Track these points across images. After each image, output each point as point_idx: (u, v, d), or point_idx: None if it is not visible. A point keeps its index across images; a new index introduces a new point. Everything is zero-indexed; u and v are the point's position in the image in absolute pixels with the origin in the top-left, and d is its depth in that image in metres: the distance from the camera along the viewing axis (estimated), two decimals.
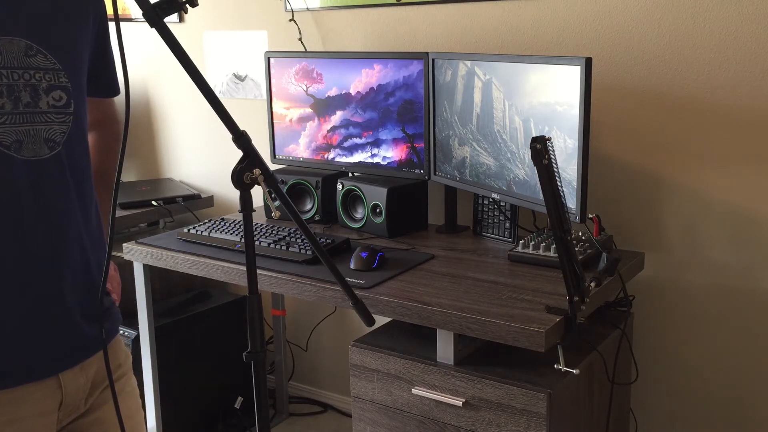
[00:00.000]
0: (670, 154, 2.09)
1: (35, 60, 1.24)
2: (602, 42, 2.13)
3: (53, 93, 1.26)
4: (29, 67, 1.23)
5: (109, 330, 1.40)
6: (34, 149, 1.24)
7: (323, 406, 2.97)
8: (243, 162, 1.18)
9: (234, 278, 2.07)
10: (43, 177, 1.25)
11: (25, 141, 1.22)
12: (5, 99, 1.20)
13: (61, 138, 1.28)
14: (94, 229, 1.38)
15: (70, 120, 1.29)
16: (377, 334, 1.96)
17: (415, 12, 2.43)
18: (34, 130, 1.24)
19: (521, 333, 1.59)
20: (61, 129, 1.28)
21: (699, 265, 2.10)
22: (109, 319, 1.42)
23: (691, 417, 2.19)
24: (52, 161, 1.26)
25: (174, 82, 3.05)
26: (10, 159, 1.21)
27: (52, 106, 1.26)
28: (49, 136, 1.26)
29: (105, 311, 1.38)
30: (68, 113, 1.29)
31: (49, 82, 1.26)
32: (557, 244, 1.60)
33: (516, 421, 1.67)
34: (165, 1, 1.12)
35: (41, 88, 1.24)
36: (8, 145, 1.21)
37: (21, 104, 1.22)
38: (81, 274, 1.33)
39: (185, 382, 2.65)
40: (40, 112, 1.24)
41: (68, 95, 1.28)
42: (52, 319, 1.28)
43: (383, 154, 2.38)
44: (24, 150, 1.22)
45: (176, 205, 2.82)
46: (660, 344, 2.20)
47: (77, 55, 1.32)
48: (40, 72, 1.24)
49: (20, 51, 1.22)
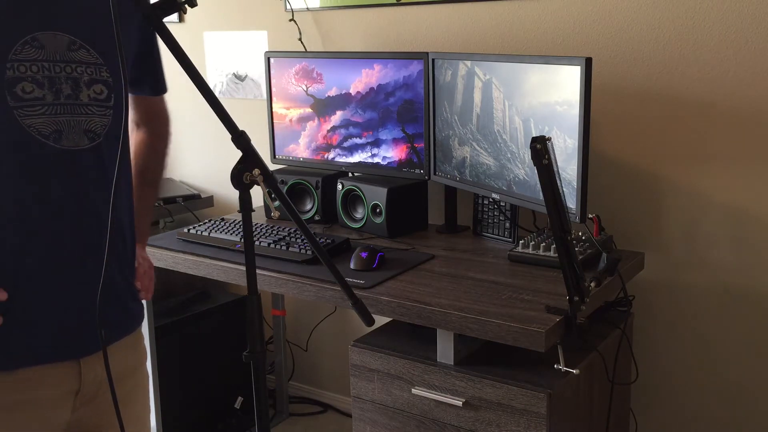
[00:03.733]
0: (670, 154, 2.09)
1: (78, 54, 1.28)
2: (602, 42, 2.12)
3: (94, 86, 1.31)
4: (71, 61, 1.27)
5: (129, 324, 1.45)
6: (74, 139, 1.28)
7: (323, 406, 2.97)
8: (242, 162, 1.18)
9: (234, 278, 2.07)
10: (81, 167, 1.29)
11: (65, 131, 1.27)
12: (46, 90, 1.25)
13: (101, 130, 1.32)
14: (126, 222, 1.42)
15: (110, 113, 1.33)
16: (377, 334, 1.96)
17: (415, 12, 2.43)
18: (74, 121, 1.28)
19: (521, 333, 1.59)
20: (102, 122, 1.32)
21: (699, 265, 2.10)
22: (131, 315, 1.46)
23: (691, 417, 2.19)
24: (91, 152, 1.31)
25: (174, 82, 3.04)
26: (48, 148, 1.25)
27: (93, 99, 1.30)
28: (90, 128, 1.30)
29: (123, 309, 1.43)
30: (109, 107, 1.33)
31: (90, 75, 1.30)
32: (557, 244, 1.60)
33: (516, 421, 1.67)
34: (165, 2, 1.13)
35: (83, 81, 1.29)
36: (47, 135, 1.25)
37: (62, 96, 1.26)
38: (113, 265, 1.36)
39: (185, 382, 2.65)
40: (81, 104, 1.29)
41: (109, 89, 1.32)
42: (79, 305, 1.31)
43: (383, 154, 2.38)
44: (63, 140, 1.27)
45: (176, 205, 2.82)
46: (660, 344, 2.20)
47: (121, 52, 1.34)
48: (82, 66, 1.29)
49: (63, 45, 1.27)
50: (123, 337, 1.42)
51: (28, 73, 1.23)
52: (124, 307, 1.43)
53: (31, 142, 1.24)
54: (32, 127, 1.24)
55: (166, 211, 2.78)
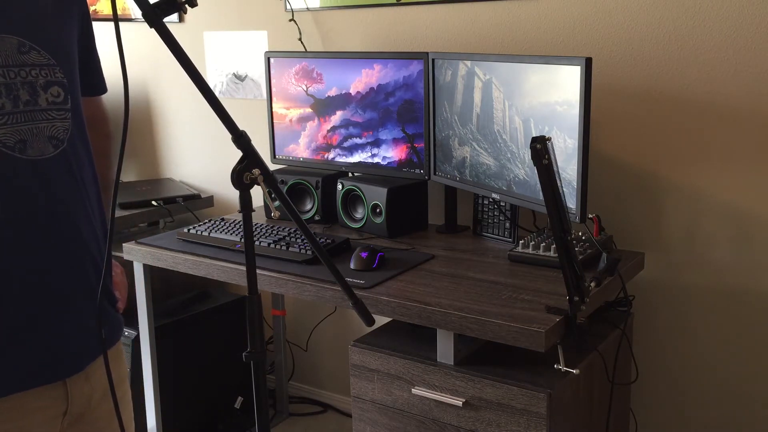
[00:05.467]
0: (671, 154, 2.09)
1: (29, 56, 1.21)
2: (602, 42, 2.13)
3: (51, 89, 1.23)
4: (24, 64, 1.20)
5: (110, 335, 1.38)
6: (39, 148, 1.21)
7: (323, 406, 2.97)
8: (242, 162, 1.17)
9: (234, 278, 2.07)
10: (51, 176, 1.22)
11: (29, 140, 1.19)
12: (4, 99, 1.17)
13: (64, 135, 1.25)
14: (100, 229, 1.36)
15: (69, 116, 1.26)
16: (377, 334, 1.96)
17: (415, 12, 2.43)
18: (36, 129, 1.21)
19: (521, 333, 1.59)
20: (63, 126, 1.25)
21: (699, 265, 2.10)
22: (112, 323, 1.40)
23: (691, 417, 2.19)
24: (59, 159, 1.24)
25: (174, 82, 3.05)
26: (14, 160, 1.18)
27: (51, 103, 1.23)
28: (53, 134, 1.23)
29: (107, 315, 1.36)
30: (67, 109, 1.26)
31: (45, 78, 1.23)
32: (557, 244, 1.60)
33: (516, 421, 1.67)
34: (164, 2, 1.12)
35: (38, 84, 1.21)
36: (12, 146, 1.17)
37: (21, 103, 1.19)
38: (93, 275, 1.31)
39: (185, 382, 2.65)
40: (40, 110, 1.21)
41: (65, 91, 1.26)
42: (63, 321, 1.26)
43: (383, 154, 2.38)
44: (29, 149, 1.19)
45: (176, 205, 2.82)
46: (660, 344, 2.20)
47: (68, 51, 1.30)
48: (36, 68, 1.21)
49: (13, 48, 1.19)
50: (109, 348, 1.36)
51: None
52: (107, 317, 1.37)
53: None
54: None
55: (166, 211, 2.78)
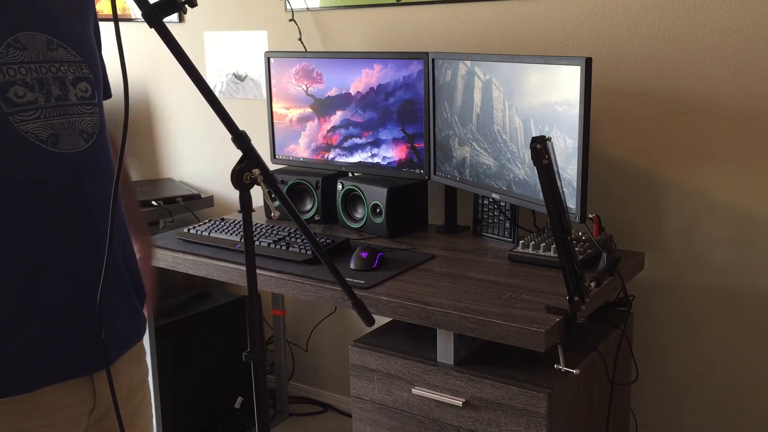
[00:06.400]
0: (671, 154, 2.09)
1: (58, 53, 1.24)
2: (602, 42, 2.13)
3: (80, 85, 1.27)
4: (54, 60, 1.23)
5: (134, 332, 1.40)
6: (71, 141, 1.24)
7: (323, 406, 2.97)
8: (242, 162, 1.17)
9: (234, 278, 2.07)
10: (83, 169, 1.25)
11: (61, 134, 1.22)
12: (37, 93, 1.20)
13: (93, 129, 1.28)
14: (124, 225, 1.38)
15: (96, 111, 1.29)
16: (377, 334, 1.96)
17: (415, 12, 2.43)
18: (68, 123, 1.23)
19: (521, 333, 1.59)
20: (92, 120, 1.28)
21: (699, 265, 2.10)
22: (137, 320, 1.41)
23: (691, 417, 2.19)
24: (89, 153, 1.26)
25: (174, 82, 3.05)
26: (47, 153, 1.20)
27: (81, 98, 1.26)
28: (83, 128, 1.26)
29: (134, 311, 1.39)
30: (94, 104, 1.29)
31: (74, 74, 1.26)
32: (557, 244, 1.60)
33: (516, 421, 1.67)
34: (164, 2, 1.12)
35: (68, 80, 1.25)
36: (45, 140, 1.20)
37: (52, 98, 1.22)
38: (123, 268, 1.33)
39: (185, 382, 2.65)
40: (71, 104, 1.24)
41: (92, 86, 1.29)
42: (91, 314, 1.25)
43: (383, 154, 2.38)
44: (61, 143, 1.22)
45: (176, 205, 2.82)
46: (660, 344, 2.20)
47: (91, 49, 1.32)
48: (65, 64, 1.25)
49: (43, 45, 1.22)
50: (133, 345, 1.38)
51: (17, 76, 1.18)
52: (134, 312, 1.38)
53: (31, 149, 1.18)
54: (29, 132, 1.18)
55: (166, 211, 2.78)
